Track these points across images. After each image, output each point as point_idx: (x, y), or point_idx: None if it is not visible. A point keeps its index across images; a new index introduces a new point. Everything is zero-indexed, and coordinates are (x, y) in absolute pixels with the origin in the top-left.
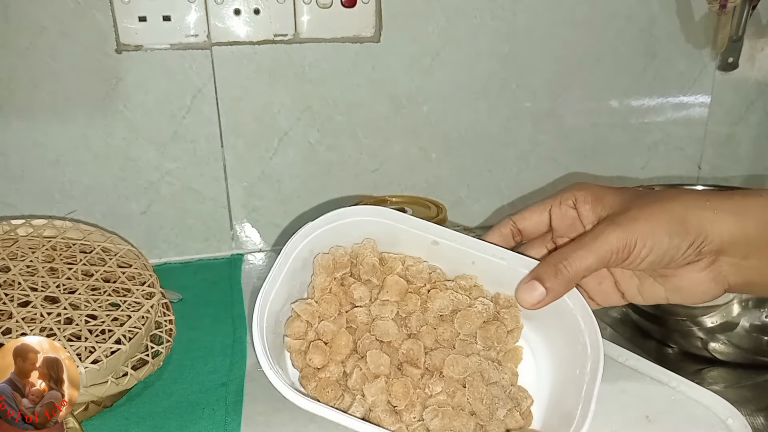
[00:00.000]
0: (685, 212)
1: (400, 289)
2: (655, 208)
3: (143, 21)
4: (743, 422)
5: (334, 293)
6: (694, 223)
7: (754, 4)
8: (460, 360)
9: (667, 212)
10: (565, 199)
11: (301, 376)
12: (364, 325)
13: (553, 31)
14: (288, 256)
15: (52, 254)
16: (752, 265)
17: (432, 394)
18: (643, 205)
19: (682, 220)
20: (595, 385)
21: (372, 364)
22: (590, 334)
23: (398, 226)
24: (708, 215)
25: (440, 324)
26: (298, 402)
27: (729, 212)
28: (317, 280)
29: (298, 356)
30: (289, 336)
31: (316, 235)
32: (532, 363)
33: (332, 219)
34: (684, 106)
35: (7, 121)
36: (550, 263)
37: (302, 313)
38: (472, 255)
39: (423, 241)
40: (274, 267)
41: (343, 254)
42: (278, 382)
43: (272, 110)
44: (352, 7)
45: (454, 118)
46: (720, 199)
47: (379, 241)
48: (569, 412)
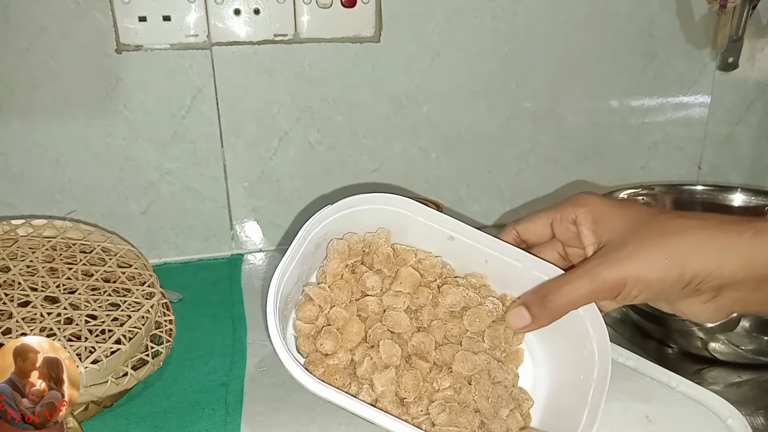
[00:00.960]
0: (685, 253)
1: (414, 281)
2: (653, 247)
3: (143, 21)
4: (743, 422)
5: (346, 280)
6: (694, 265)
7: (754, 4)
8: (470, 357)
9: (665, 252)
10: (566, 214)
11: (307, 361)
12: (374, 314)
13: (553, 31)
14: (305, 237)
15: (52, 254)
16: (759, 298)
17: (440, 389)
18: (641, 242)
19: (681, 261)
20: (604, 391)
21: (385, 353)
22: (599, 341)
23: (415, 218)
24: (712, 256)
25: (450, 320)
26: (312, 386)
27: (737, 253)
28: (330, 265)
29: (306, 341)
30: (300, 319)
31: (332, 220)
32: (530, 366)
33: (351, 204)
34: (684, 106)
35: (7, 121)
36: (538, 294)
37: (316, 297)
38: (486, 254)
39: (437, 235)
40: (291, 247)
41: (358, 241)
42: (292, 364)
43: (272, 110)
44: (352, 7)
45: (454, 118)
46: (728, 236)
47: (392, 231)
48: (571, 417)
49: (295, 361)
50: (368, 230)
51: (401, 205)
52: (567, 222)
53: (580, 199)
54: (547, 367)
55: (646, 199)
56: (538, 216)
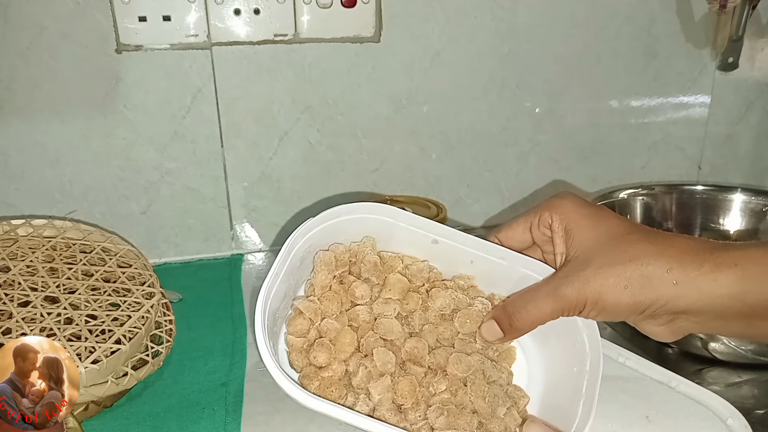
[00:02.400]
0: (643, 281)
1: (403, 287)
2: (612, 274)
3: (143, 21)
4: (743, 422)
5: (335, 291)
6: (649, 294)
7: (754, 4)
8: (464, 358)
9: (623, 279)
10: (544, 218)
11: (301, 375)
12: (366, 323)
13: (553, 31)
14: (289, 252)
15: (52, 254)
16: (717, 325)
17: (436, 393)
18: (602, 266)
19: (638, 289)
20: (597, 381)
21: (379, 361)
22: (589, 333)
23: (397, 224)
24: (669, 287)
25: (441, 323)
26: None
27: (695, 286)
28: (318, 277)
29: (299, 355)
30: (292, 334)
31: (316, 232)
32: (523, 363)
33: (333, 215)
34: (684, 106)
35: (7, 121)
36: (506, 310)
37: (305, 311)
38: (471, 254)
39: (421, 240)
40: (276, 262)
41: (344, 251)
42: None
43: (272, 110)
44: (352, 7)
45: (454, 118)
46: (687, 269)
47: (376, 239)
48: (567, 410)
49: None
50: (353, 240)
51: (383, 212)
52: (543, 227)
53: (557, 203)
54: (540, 363)
55: (646, 199)
56: (516, 222)
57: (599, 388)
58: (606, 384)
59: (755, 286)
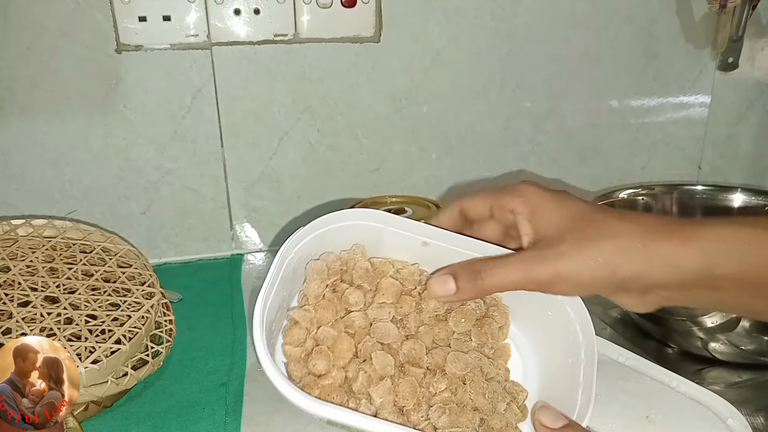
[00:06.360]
0: (618, 255)
1: (396, 291)
2: (588, 248)
3: (143, 21)
4: (743, 422)
5: (329, 299)
6: (622, 271)
7: (754, 4)
8: (461, 356)
9: (599, 253)
10: (505, 202)
11: (301, 385)
12: (362, 329)
13: (553, 31)
14: (282, 263)
15: (52, 254)
16: (685, 297)
17: (436, 392)
18: (577, 241)
19: (611, 265)
20: (594, 369)
21: (378, 365)
22: (581, 323)
23: (387, 229)
24: (642, 260)
25: (436, 324)
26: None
27: (665, 259)
28: (311, 286)
29: (297, 365)
30: (289, 344)
31: (305, 242)
32: (518, 359)
33: (322, 224)
34: (684, 106)
35: (7, 121)
36: (471, 268)
37: (301, 320)
38: (461, 254)
39: (410, 243)
40: (269, 274)
41: (335, 260)
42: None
43: (272, 110)
44: (352, 7)
45: (454, 118)
46: (657, 242)
47: (366, 245)
48: (566, 400)
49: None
50: (343, 248)
51: (372, 217)
52: (505, 210)
53: (519, 189)
54: (535, 358)
55: (646, 199)
56: (480, 197)
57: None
58: (606, 384)
59: (720, 260)
